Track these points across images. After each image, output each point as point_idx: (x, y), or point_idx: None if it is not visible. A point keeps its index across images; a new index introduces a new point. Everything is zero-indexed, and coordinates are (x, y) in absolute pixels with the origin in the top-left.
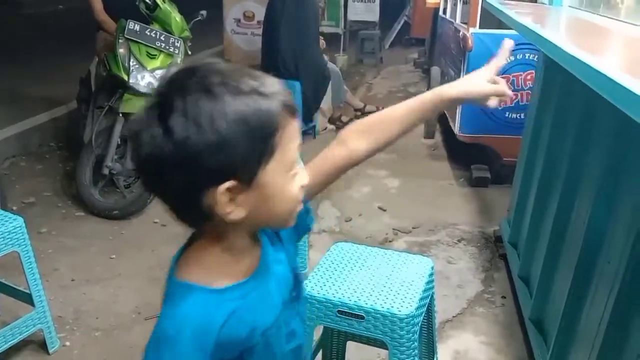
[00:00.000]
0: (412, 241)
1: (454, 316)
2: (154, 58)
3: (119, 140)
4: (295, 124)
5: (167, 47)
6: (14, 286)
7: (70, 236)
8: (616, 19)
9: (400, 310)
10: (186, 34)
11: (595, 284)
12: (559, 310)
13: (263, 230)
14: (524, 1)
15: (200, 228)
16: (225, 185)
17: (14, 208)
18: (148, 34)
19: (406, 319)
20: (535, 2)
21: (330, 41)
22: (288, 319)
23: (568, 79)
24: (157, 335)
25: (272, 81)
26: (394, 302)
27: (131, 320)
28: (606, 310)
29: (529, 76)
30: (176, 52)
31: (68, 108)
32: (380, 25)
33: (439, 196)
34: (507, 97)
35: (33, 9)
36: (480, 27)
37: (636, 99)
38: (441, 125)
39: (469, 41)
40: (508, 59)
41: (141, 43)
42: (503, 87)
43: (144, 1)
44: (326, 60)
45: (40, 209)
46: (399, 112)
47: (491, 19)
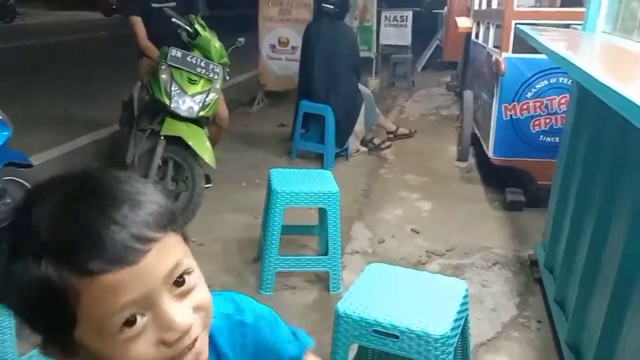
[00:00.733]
0: (446, 264)
1: (488, 340)
2: (195, 83)
3: (160, 161)
4: (104, 283)
5: (207, 73)
6: None
7: None
8: None
9: (435, 331)
10: (225, 60)
11: (633, 307)
12: (595, 334)
13: None
14: (556, 27)
15: None
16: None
17: None
18: (189, 60)
19: (441, 339)
20: (568, 27)
21: (363, 65)
22: None
23: (601, 104)
24: None
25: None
26: (429, 323)
27: None
28: None
29: (563, 99)
30: (215, 78)
31: (109, 131)
32: (412, 49)
33: (473, 219)
34: None
35: (77, 36)
36: (513, 52)
37: None
38: (474, 148)
39: (502, 66)
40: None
41: (182, 69)
42: None
43: (185, 29)
44: (359, 86)
45: None
46: None
47: (524, 43)
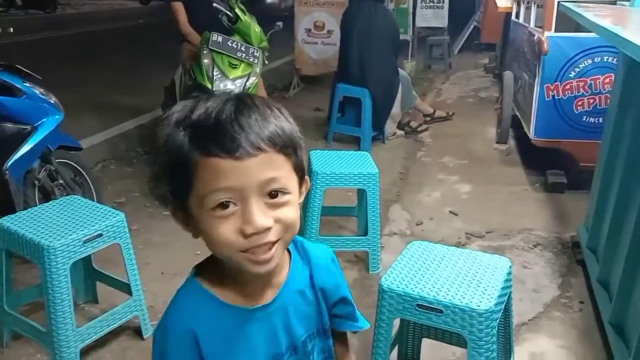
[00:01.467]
0: (486, 245)
1: (530, 319)
2: (235, 67)
3: None
4: (213, 165)
5: (247, 57)
6: (115, 276)
7: (158, 234)
8: None
9: (479, 306)
10: (264, 44)
11: None
12: None
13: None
14: (602, 3)
15: None
16: (171, 206)
17: None
18: (230, 44)
19: (485, 313)
20: (615, 4)
21: (400, 48)
22: None
23: None
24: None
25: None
26: (473, 298)
27: None
28: None
29: (607, 79)
30: (255, 62)
31: (152, 116)
32: (449, 31)
33: (513, 201)
34: None
35: (116, 24)
36: (555, 31)
37: None
38: (514, 130)
39: (545, 45)
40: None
41: (224, 53)
42: None
43: (226, 14)
44: (396, 69)
45: (130, 208)
46: None
47: (566, 22)
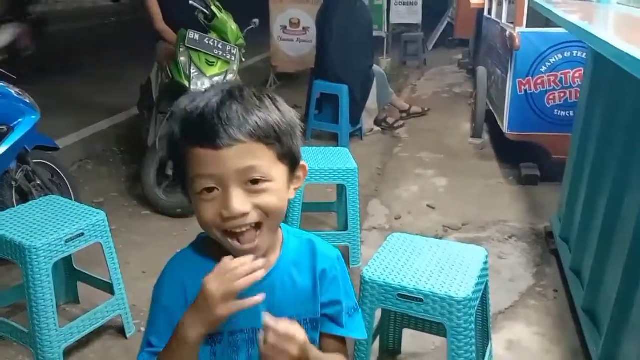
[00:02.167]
0: (463, 237)
1: (506, 308)
2: (213, 65)
3: None
4: (197, 154)
5: (225, 55)
6: (96, 276)
7: (137, 233)
8: None
9: (457, 294)
10: (241, 41)
11: None
12: (611, 299)
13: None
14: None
15: None
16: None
17: None
18: (207, 42)
19: (463, 301)
20: (583, 0)
21: (374, 44)
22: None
23: (617, 75)
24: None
25: (197, 106)
26: (452, 286)
27: None
28: None
29: (577, 74)
30: (232, 59)
31: (127, 115)
32: (423, 28)
33: (488, 194)
34: None
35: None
36: (527, 26)
37: None
38: (488, 125)
39: (516, 40)
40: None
41: (200, 51)
42: None
43: (202, 11)
44: (371, 64)
45: (109, 208)
46: None
47: (537, 18)
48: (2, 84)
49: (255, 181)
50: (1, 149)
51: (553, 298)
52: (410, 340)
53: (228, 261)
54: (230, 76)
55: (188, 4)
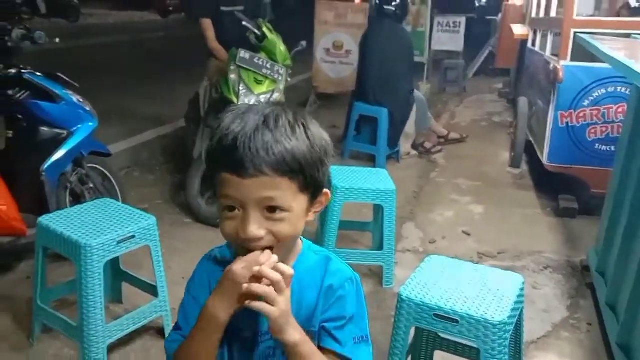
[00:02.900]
0: (498, 265)
1: (538, 338)
2: (261, 84)
3: None
4: (224, 178)
5: (272, 74)
6: (141, 278)
7: (179, 240)
8: None
9: (493, 317)
10: (288, 62)
11: None
12: None
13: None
14: (617, 35)
15: None
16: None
17: None
18: (256, 61)
19: (499, 325)
20: (629, 37)
21: (414, 70)
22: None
23: None
24: None
25: (232, 134)
26: (488, 310)
27: None
28: None
29: (620, 109)
30: (280, 79)
31: (173, 127)
32: (464, 55)
33: (525, 224)
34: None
35: (137, 36)
36: (571, 60)
37: None
38: (527, 155)
39: (560, 73)
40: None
41: (250, 70)
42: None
43: (254, 32)
44: (412, 89)
45: (153, 214)
46: None
47: (582, 51)
48: (67, 92)
49: (273, 209)
50: (61, 152)
51: (587, 331)
52: None
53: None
54: (276, 95)
55: (241, 25)
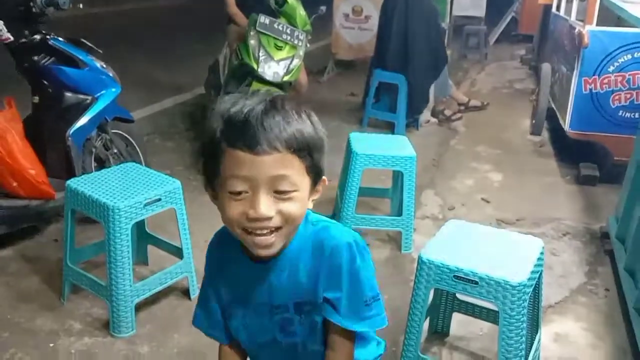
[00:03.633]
0: (516, 232)
1: (556, 302)
2: (281, 49)
3: None
4: (235, 156)
5: (292, 40)
6: (167, 240)
7: (200, 205)
8: None
9: (513, 279)
10: (308, 27)
11: None
12: None
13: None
14: None
15: None
16: (203, 181)
17: None
18: (276, 27)
19: (518, 286)
20: None
21: (443, 35)
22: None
23: None
24: None
25: (240, 109)
26: (507, 271)
27: None
28: None
29: None
30: (299, 44)
31: (192, 94)
32: (486, 21)
33: (545, 192)
34: None
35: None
36: (597, 25)
37: None
38: (548, 122)
39: (585, 38)
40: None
41: (270, 35)
42: None
43: None
44: (443, 55)
45: None
46: None
47: (608, 16)
48: (90, 58)
49: (283, 190)
50: (86, 118)
51: (604, 297)
52: (459, 324)
53: None
54: (296, 61)
55: None
